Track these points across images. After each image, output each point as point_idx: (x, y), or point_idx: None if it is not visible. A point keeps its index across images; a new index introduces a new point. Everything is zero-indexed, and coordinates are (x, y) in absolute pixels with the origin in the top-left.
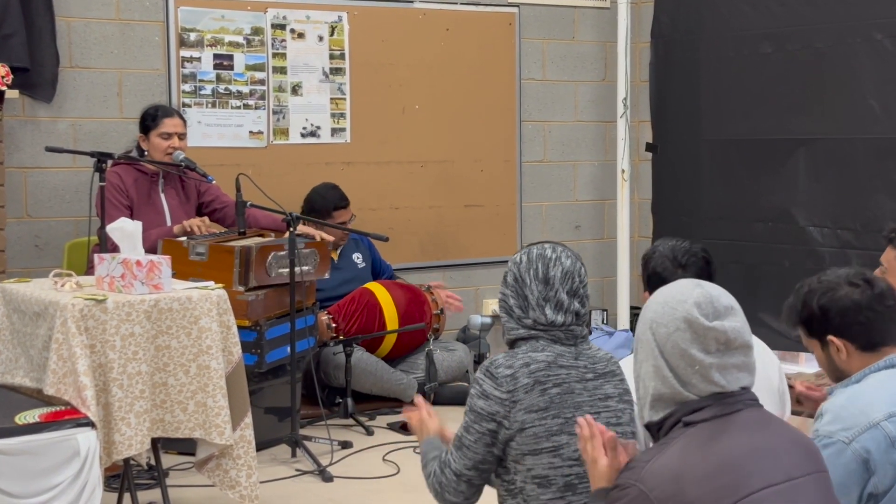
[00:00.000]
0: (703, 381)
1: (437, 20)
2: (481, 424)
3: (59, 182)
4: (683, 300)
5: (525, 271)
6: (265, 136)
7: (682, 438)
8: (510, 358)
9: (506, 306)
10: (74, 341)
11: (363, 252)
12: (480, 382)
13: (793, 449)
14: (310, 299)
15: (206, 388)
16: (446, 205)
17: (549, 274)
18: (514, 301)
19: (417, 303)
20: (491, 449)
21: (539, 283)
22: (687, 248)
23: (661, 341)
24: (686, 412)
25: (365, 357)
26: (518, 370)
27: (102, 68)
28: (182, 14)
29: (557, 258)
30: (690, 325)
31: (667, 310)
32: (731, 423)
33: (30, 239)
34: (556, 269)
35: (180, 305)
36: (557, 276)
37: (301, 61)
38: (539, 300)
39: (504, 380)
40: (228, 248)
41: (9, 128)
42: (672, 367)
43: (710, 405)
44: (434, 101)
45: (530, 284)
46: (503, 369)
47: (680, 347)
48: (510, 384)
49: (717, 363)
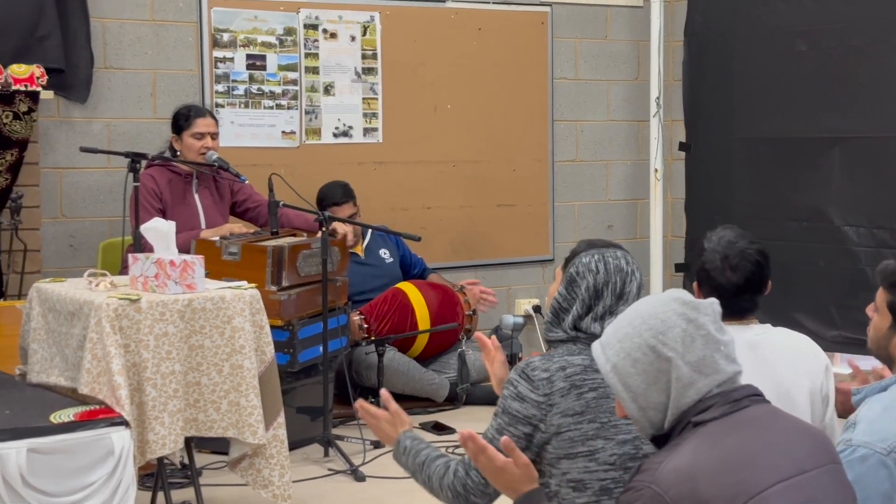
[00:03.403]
0: (728, 360)
1: (469, 19)
2: (517, 427)
3: (94, 182)
4: (663, 306)
5: (603, 284)
6: (297, 136)
7: (692, 438)
8: (546, 361)
9: (559, 308)
10: (109, 341)
11: (391, 248)
12: (515, 384)
13: (803, 441)
14: (342, 299)
15: (240, 388)
16: (478, 204)
17: (626, 289)
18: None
19: (449, 303)
20: (525, 452)
21: (614, 298)
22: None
23: (678, 343)
24: (695, 413)
25: (397, 357)
26: (554, 373)
27: (136, 69)
28: (215, 15)
29: (633, 272)
30: (689, 316)
31: (659, 321)
32: (740, 420)
33: (65, 239)
34: (632, 285)
35: (213, 305)
36: (633, 293)
37: (333, 61)
38: (604, 313)
39: (540, 382)
40: (261, 247)
41: (44, 128)
42: (695, 364)
43: (717, 403)
44: (466, 101)
45: (605, 299)
46: (539, 372)
47: (702, 336)
48: (546, 387)
49: (729, 340)
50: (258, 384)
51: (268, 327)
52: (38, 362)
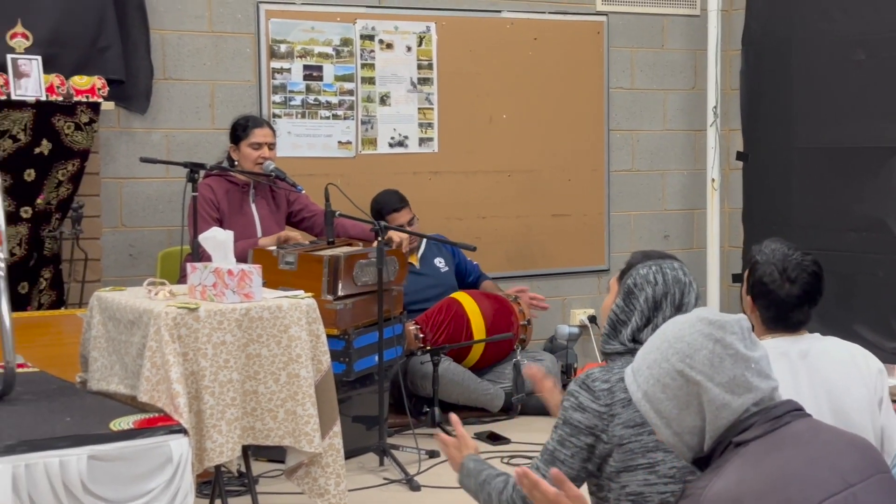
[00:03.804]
0: (761, 377)
1: (525, 29)
2: (579, 438)
3: (153, 192)
4: (689, 328)
5: (662, 295)
6: (354, 146)
7: (735, 459)
8: (606, 372)
9: (617, 321)
10: (168, 349)
11: (446, 257)
12: (576, 395)
13: (848, 453)
14: (398, 308)
15: (296, 397)
16: (533, 214)
17: (685, 300)
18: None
19: (504, 313)
20: (586, 464)
21: (673, 309)
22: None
23: (706, 366)
24: (735, 432)
25: (452, 367)
26: (615, 384)
27: (195, 80)
28: (273, 26)
29: (690, 282)
30: (716, 336)
31: (685, 344)
32: (783, 437)
33: (124, 248)
34: (691, 295)
35: (270, 314)
36: (691, 304)
37: (389, 71)
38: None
39: (601, 393)
40: (317, 257)
41: (104, 139)
42: (726, 385)
43: (758, 422)
44: (521, 111)
45: (665, 310)
46: (600, 383)
47: (730, 355)
48: (608, 398)
49: (762, 355)
50: (314, 393)
51: (324, 336)
52: (98, 370)
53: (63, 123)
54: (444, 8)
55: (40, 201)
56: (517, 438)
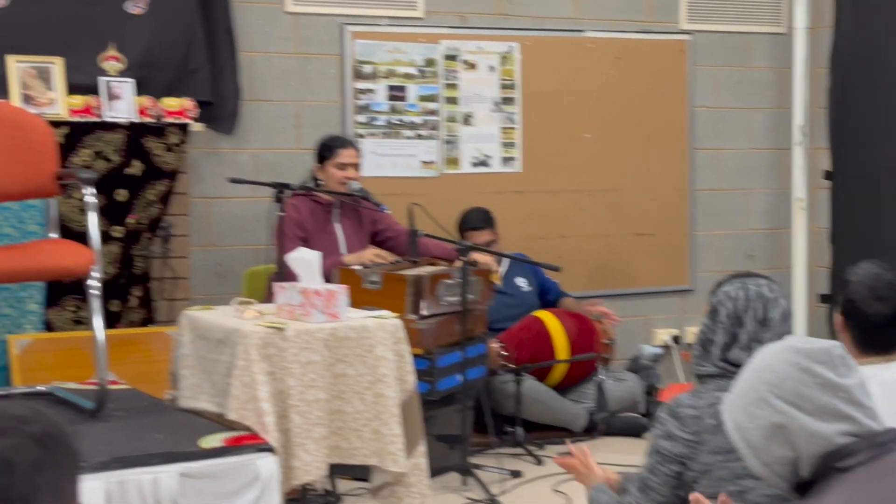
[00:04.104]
0: (853, 405)
1: (608, 48)
2: (667, 466)
3: (240, 211)
4: (776, 357)
5: (743, 310)
6: (437, 165)
7: (838, 486)
8: (695, 397)
9: (705, 339)
10: (256, 368)
11: (528, 277)
12: (664, 422)
13: None
14: (481, 328)
15: (382, 416)
16: (616, 233)
17: (769, 315)
18: (720, 338)
19: (588, 332)
20: (677, 491)
21: (756, 324)
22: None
23: (793, 395)
24: (838, 458)
25: (535, 386)
26: (703, 410)
27: (281, 101)
28: (358, 47)
29: (776, 299)
30: (803, 364)
31: (772, 373)
32: (888, 464)
33: (212, 266)
34: (775, 311)
35: (357, 334)
36: (776, 319)
37: (472, 91)
38: (749, 342)
39: (689, 420)
40: (401, 276)
41: (193, 159)
42: (816, 413)
43: (862, 448)
44: (604, 130)
45: (747, 325)
46: (688, 409)
47: (818, 384)
48: (695, 425)
49: (856, 382)
50: (400, 413)
51: (409, 356)
52: (187, 388)
53: (153, 144)
54: (528, 28)
55: (131, 221)
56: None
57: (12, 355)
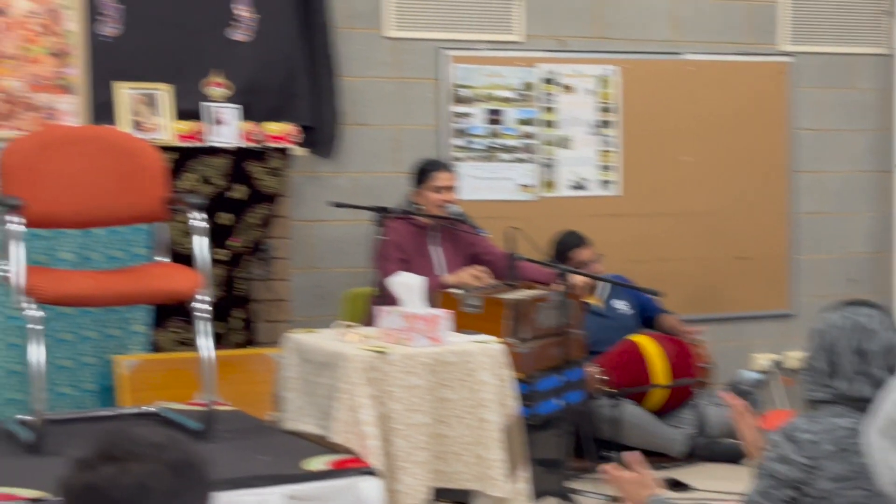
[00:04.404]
0: None
1: (708, 71)
2: (782, 491)
3: (339, 234)
4: None
5: (838, 339)
6: (534, 189)
7: None
8: (811, 422)
9: (811, 366)
10: (359, 392)
11: (628, 300)
12: (779, 446)
13: None
14: (579, 352)
15: (484, 441)
16: (715, 257)
17: (865, 347)
18: (821, 365)
19: (686, 356)
20: None
21: (854, 355)
22: None
23: None
24: None
25: (633, 410)
26: (820, 435)
27: (380, 125)
28: (456, 71)
29: (876, 331)
30: None
31: None
32: None
33: (311, 289)
34: (873, 344)
35: (459, 358)
36: (874, 351)
37: (570, 114)
38: (851, 373)
39: (806, 445)
40: (500, 300)
41: (294, 183)
42: None
43: None
44: (703, 152)
45: (843, 355)
46: (804, 434)
47: None
48: (812, 450)
49: None
50: (502, 437)
51: (511, 381)
52: (291, 410)
53: (256, 168)
54: (626, 51)
55: (234, 244)
56: (699, 485)
57: (119, 375)
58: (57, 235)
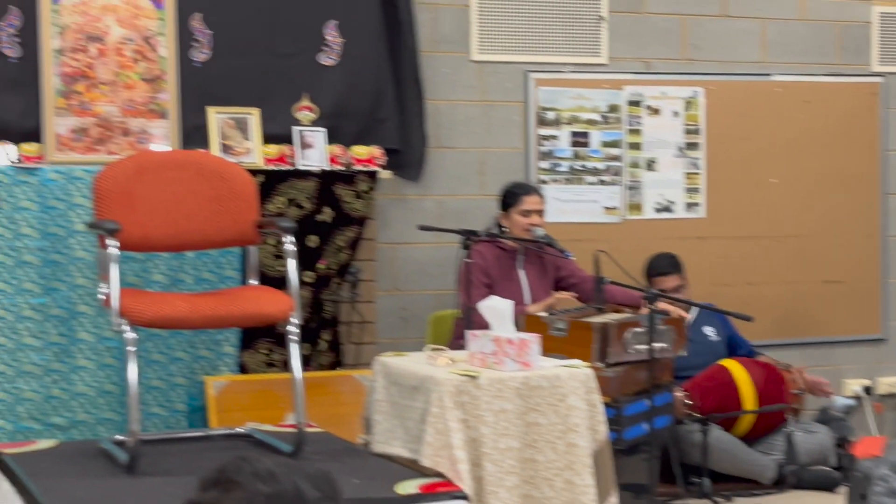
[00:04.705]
0: None
1: (796, 92)
2: None
3: (424, 257)
4: None
5: None
6: (620, 211)
7: None
8: None
9: None
10: (450, 415)
11: (717, 326)
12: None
13: None
14: (667, 376)
15: (574, 466)
16: (803, 280)
17: None
18: None
19: (776, 381)
20: None
21: None
22: None
23: None
24: None
25: (722, 436)
26: None
27: (465, 148)
28: (542, 94)
29: None
30: None
31: None
32: None
33: (397, 311)
34: None
35: (549, 383)
36: None
37: (656, 137)
38: None
39: None
40: (587, 324)
41: (380, 206)
42: None
43: None
44: (791, 174)
45: None
46: None
47: None
48: None
49: None
50: (592, 463)
51: (601, 406)
52: (380, 433)
53: (343, 191)
54: (713, 73)
55: (321, 266)
56: None
57: (209, 396)
58: (149, 258)
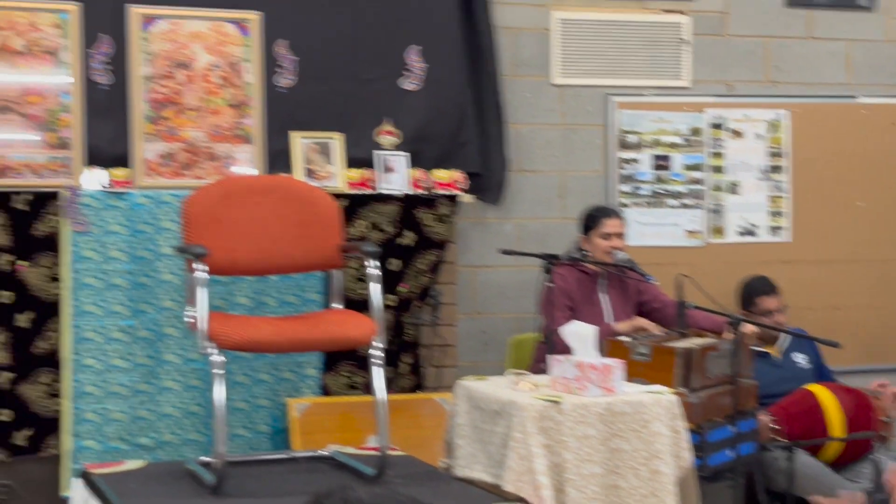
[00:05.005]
0: None
1: (882, 114)
2: None
3: (505, 280)
4: None
5: None
6: (702, 235)
7: None
8: None
9: None
10: (532, 441)
11: (808, 353)
12: None
13: None
14: (751, 402)
15: (658, 493)
16: (890, 305)
17: None
18: None
19: (864, 407)
20: None
21: None
22: None
23: None
24: None
25: (808, 462)
26: None
27: (546, 171)
28: (623, 117)
29: None
30: None
31: None
32: None
33: (477, 334)
34: None
35: (632, 409)
36: None
37: (739, 160)
38: None
39: None
40: (670, 349)
41: (461, 229)
42: None
43: None
44: (878, 197)
45: None
46: None
47: None
48: None
49: None
50: (677, 490)
51: (686, 433)
52: (462, 457)
53: (425, 215)
54: (797, 95)
55: (403, 289)
56: None
57: (292, 418)
58: (234, 281)
